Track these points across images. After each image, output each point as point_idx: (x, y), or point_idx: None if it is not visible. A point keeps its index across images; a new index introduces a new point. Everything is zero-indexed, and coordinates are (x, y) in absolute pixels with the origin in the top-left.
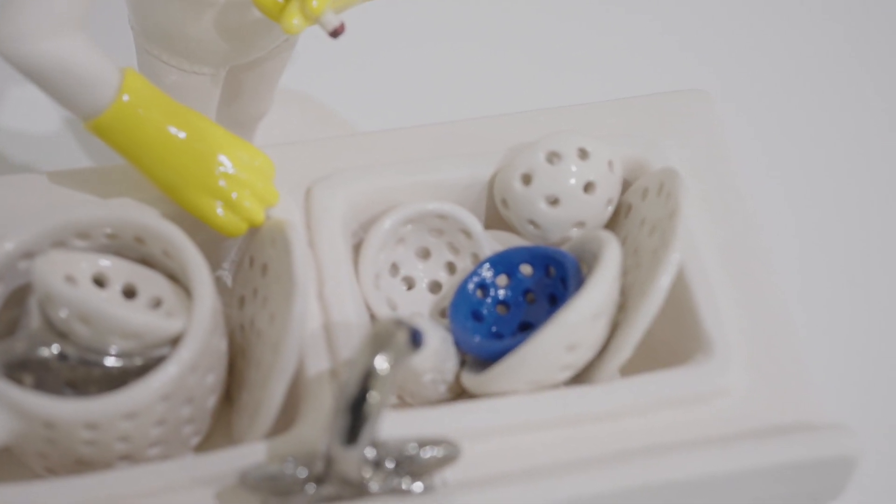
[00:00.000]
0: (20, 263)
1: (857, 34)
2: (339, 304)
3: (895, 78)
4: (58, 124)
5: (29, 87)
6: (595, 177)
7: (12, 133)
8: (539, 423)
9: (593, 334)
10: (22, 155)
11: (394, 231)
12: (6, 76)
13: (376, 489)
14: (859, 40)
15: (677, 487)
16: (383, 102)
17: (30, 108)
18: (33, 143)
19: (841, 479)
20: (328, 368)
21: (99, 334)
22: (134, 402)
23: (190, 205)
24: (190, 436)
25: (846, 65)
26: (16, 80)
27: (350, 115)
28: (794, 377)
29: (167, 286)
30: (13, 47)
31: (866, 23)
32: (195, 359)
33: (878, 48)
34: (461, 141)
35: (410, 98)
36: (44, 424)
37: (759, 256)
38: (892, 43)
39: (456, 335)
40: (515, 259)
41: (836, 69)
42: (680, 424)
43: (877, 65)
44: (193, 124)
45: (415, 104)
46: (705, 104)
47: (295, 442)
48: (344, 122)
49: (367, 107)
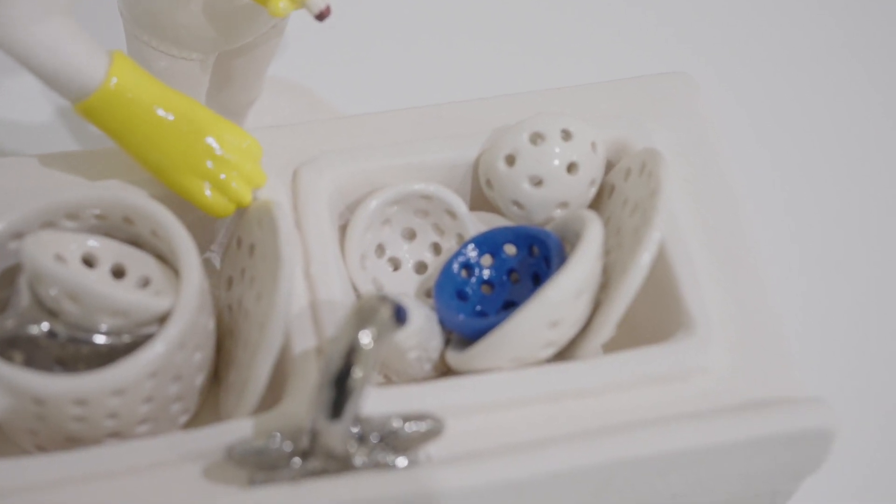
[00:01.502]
0: (10, 244)
1: (843, 15)
2: (325, 282)
3: (882, 58)
4: (49, 111)
5: (19, 74)
6: (578, 158)
7: (3, 119)
8: (522, 400)
9: (575, 311)
10: (12, 140)
11: (380, 212)
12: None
13: (361, 463)
14: (845, 21)
15: (659, 461)
16: (372, 90)
17: (20, 95)
18: (23, 128)
19: (820, 452)
20: (314, 346)
21: (88, 312)
22: (122, 378)
23: (178, 186)
24: (178, 414)
25: (831, 47)
26: (6, 68)
27: (339, 103)
28: (775, 354)
29: (155, 266)
30: (3, 31)
31: (852, 3)
32: (182, 336)
33: (863, 29)
34: (446, 123)
35: (399, 85)
36: (34, 401)
37: (741, 236)
38: (876, 23)
39: (441, 314)
40: (499, 239)
41: (821, 51)
42: (662, 401)
43: (863, 46)
44: (181, 106)
45: (403, 91)
46: (689, 87)
47: (281, 418)
48: (333, 110)
49: (356, 94)
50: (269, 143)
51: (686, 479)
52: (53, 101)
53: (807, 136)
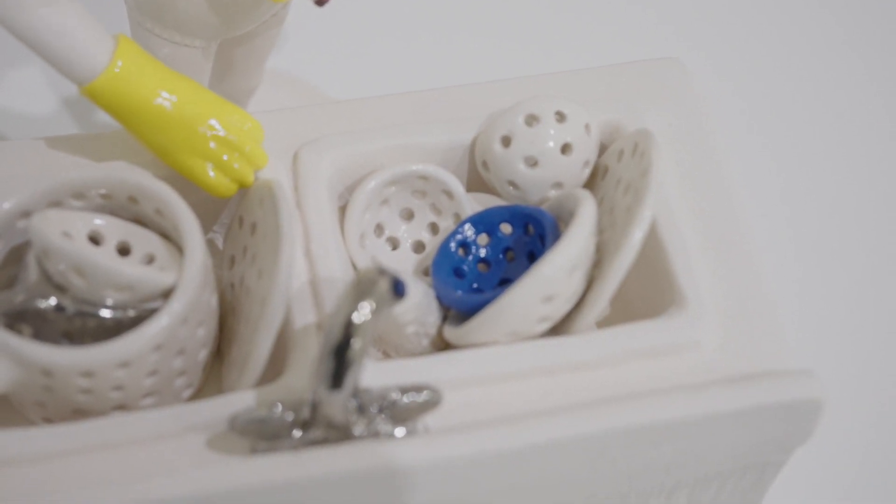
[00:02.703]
0: (18, 223)
1: (833, 1)
2: (325, 260)
3: (872, 41)
4: (54, 95)
5: (26, 59)
6: (572, 139)
7: (12, 104)
8: (518, 373)
9: (570, 287)
10: (19, 124)
11: (378, 192)
12: (8, 50)
13: (360, 433)
14: (835, 6)
15: (652, 431)
16: (370, 81)
17: (27, 80)
18: (30, 112)
19: (809, 423)
20: (314, 322)
21: (94, 286)
22: (128, 350)
23: (182, 167)
24: (182, 388)
25: (822, 32)
26: (14, 52)
27: (337, 94)
28: (764, 329)
29: (160, 243)
30: (11, 15)
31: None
32: (186, 311)
33: (853, 14)
34: (443, 108)
35: (397, 76)
36: (42, 372)
37: (730, 215)
38: (866, 7)
39: (438, 290)
40: (496, 218)
41: (812, 37)
42: (654, 374)
43: (853, 30)
44: (185, 89)
45: (401, 81)
46: (681, 73)
47: (283, 390)
48: (331, 100)
49: (354, 85)
50: (271, 126)
51: (679, 449)
52: (60, 86)
53: (797, 119)
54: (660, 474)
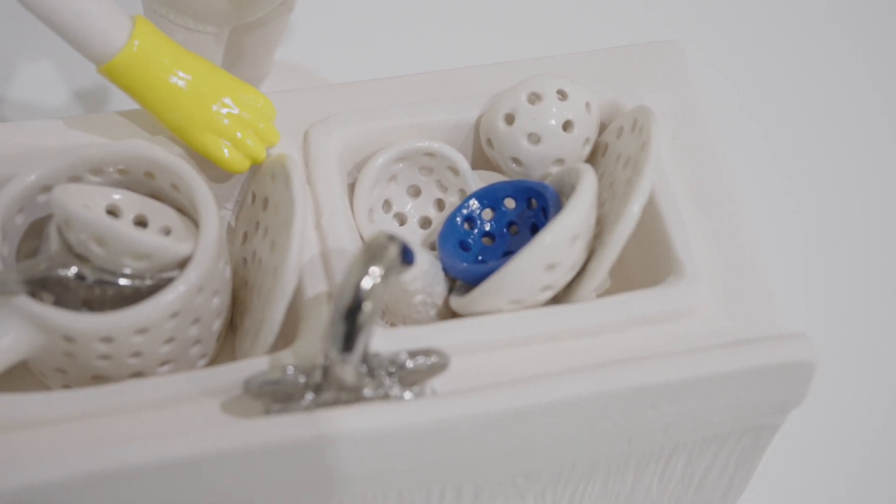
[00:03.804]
0: (39, 197)
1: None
2: (335, 233)
3: (863, 24)
4: (73, 77)
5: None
6: (573, 116)
7: (31, 86)
8: (522, 339)
9: (571, 255)
10: (37, 105)
11: (386, 168)
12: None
13: (370, 395)
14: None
15: (651, 392)
16: (376, 73)
17: (49, 64)
18: (48, 93)
19: (802, 385)
20: (325, 291)
21: (113, 255)
22: (146, 317)
23: (197, 143)
24: (197, 357)
25: (814, 15)
26: (36, 40)
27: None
28: (759, 296)
29: (176, 217)
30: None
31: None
32: (202, 280)
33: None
34: (449, 88)
35: (401, 68)
36: (64, 338)
37: (723, 188)
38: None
39: (444, 262)
40: (500, 193)
41: (805, 20)
42: (653, 340)
43: (848, 15)
44: (199, 68)
45: (405, 71)
46: (677, 55)
47: (295, 356)
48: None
49: (359, 76)
50: (282, 106)
51: (677, 410)
52: (77, 70)
53: (788, 100)
54: (659, 436)
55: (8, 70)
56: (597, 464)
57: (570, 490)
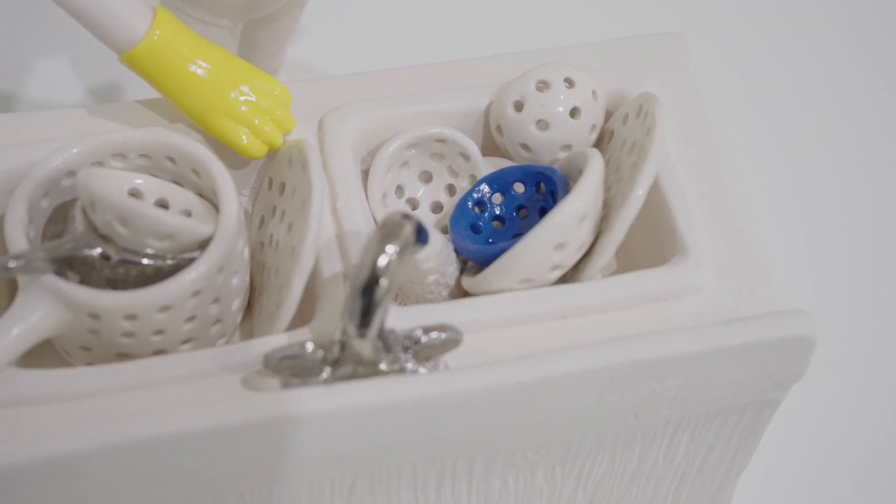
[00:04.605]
0: (64, 181)
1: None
2: (350, 216)
3: (865, 15)
4: (95, 66)
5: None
6: (580, 103)
7: (54, 76)
8: (532, 317)
9: (580, 235)
10: (60, 93)
11: (399, 154)
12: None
13: (386, 370)
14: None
15: (656, 365)
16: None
17: (69, 50)
18: (71, 83)
19: (802, 360)
20: (341, 271)
21: (137, 235)
22: (169, 294)
23: (216, 129)
24: (217, 336)
25: (815, 8)
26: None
27: None
28: (760, 275)
29: (196, 201)
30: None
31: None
32: (222, 260)
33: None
34: (459, 78)
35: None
36: (89, 315)
37: (725, 172)
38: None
39: (456, 244)
40: (509, 178)
41: (806, 12)
42: (659, 317)
43: (850, 5)
44: (218, 57)
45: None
46: (680, 46)
47: (312, 333)
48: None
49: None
50: (296, 94)
51: (681, 384)
52: (99, 59)
53: (786, 83)
54: (664, 410)
55: (22, 67)
56: (604, 438)
57: (578, 465)
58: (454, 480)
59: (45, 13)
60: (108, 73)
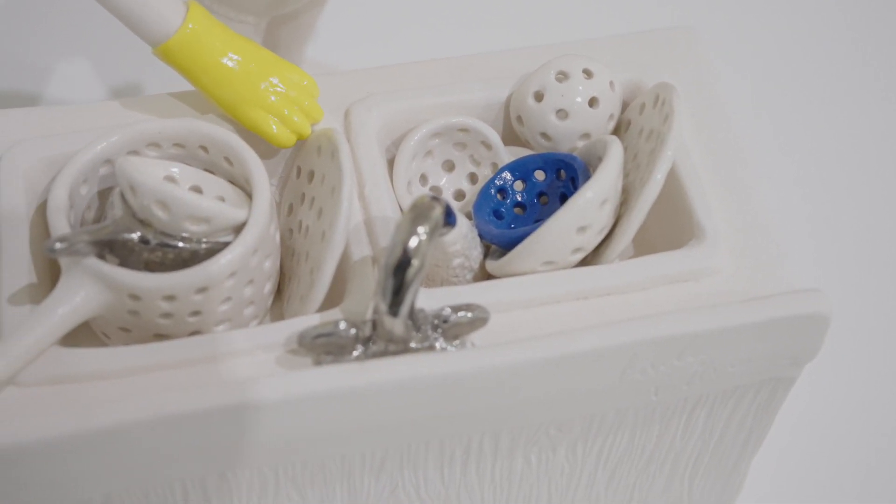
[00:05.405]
0: (101, 169)
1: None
2: (377, 201)
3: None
4: (128, 60)
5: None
6: (598, 93)
7: (86, 70)
8: (555, 297)
9: (601, 218)
10: (94, 90)
11: (423, 143)
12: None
13: (416, 347)
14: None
15: (676, 342)
16: None
17: (104, 45)
18: (105, 80)
19: (817, 337)
20: (370, 255)
21: (175, 219)
22: (206, 276)
23: (247, 120)
24: (250, 318)
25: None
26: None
27: None
28: (774, 259)
29: (229, 188)
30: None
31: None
32: (256, 242)
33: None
34: (479, 70)
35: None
36: (130, 296)
37: (738, 158)
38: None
39: (479, 228)
40: (530, 165)
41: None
42: (676, 298)
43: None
44: (248, 49)
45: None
46: (693, 39)
47: (344, 314)
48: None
49: None
50: (323, 86)
51: (700, 360)
52: (130, 54)
53: (792, 74)
54: (683, 387)
55: (45, 65)
56: (625, 415)
57: (598, 443)
58: (479, 458)
59: (68, 15)
60: (126, 72)
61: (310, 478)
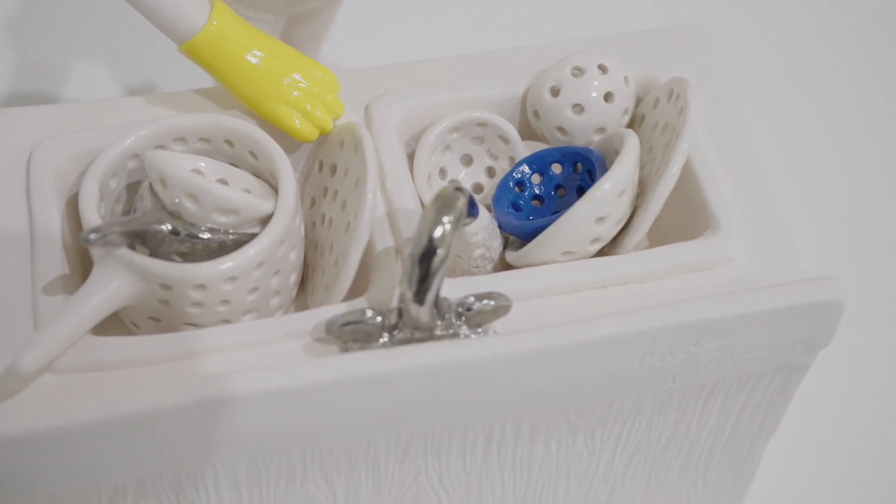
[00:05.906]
0: (129, 163)
1: None
2: (399, 193)
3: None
4: (152, 58)
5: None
6: (613, 88)
7: (109, 67)
8: (574, 286)
9: (619, 209)
10: (118, 87)
11: (442, 137)
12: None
13: (441, 334)
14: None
15: (694, 328)
16: None
17: (129, 42)
18: (129, 73)
19: (831, 324)
20: (392, 246)
21: (204, 211)
22: (235, 266)
23: (271, 114)
24: (276, 308)
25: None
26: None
27: None
28: (787, 247)
29: (254, 181)
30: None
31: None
32: (283, 233)
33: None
34: (494, 67)
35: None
36: (161, 286)
37: (750, 150)
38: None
39: (499, 219)
40: (548, 158)
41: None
42: (694, 286)
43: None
44: (271, 46)
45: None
46: (704, 36)
47: (369, 303)
48: None
49: None
50: (342, 83)
51: (717, 346)
52: (154, 51)
53: (804, 71)
54: (700, 373)
55: (62, 65)
56: (642, 401)
57: (616, 430)
58: (501, 444)
59: (85, 15)
60: (144, 71)
61: (336, 464)
